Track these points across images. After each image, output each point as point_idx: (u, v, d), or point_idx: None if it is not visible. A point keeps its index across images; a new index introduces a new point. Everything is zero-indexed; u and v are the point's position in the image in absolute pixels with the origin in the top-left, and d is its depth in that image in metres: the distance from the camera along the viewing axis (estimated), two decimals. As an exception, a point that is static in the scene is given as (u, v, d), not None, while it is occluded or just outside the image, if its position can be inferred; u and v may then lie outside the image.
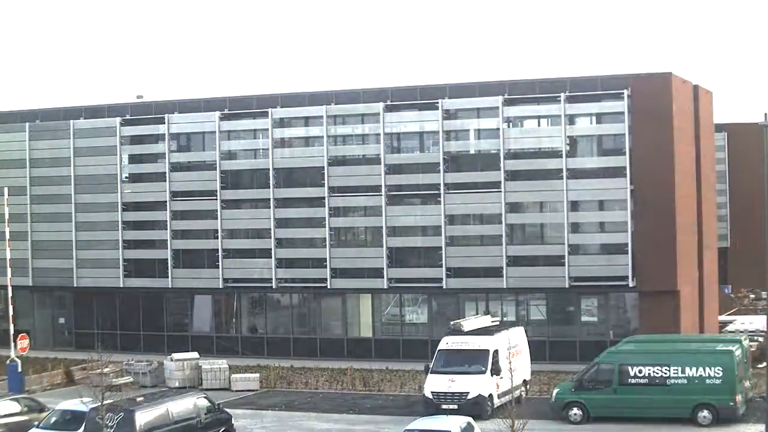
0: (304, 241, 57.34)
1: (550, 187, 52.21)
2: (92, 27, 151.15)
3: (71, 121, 60.36)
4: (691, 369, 38.18)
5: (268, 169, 56.33)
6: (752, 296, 78.68)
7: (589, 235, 53.04)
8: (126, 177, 60.13)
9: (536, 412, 37.88)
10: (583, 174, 52.15)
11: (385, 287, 54.68)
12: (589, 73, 53.97)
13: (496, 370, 40.87)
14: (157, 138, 59.05)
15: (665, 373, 38.46)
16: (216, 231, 57.43)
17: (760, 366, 45.22)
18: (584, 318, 54.13)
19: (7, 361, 47.55)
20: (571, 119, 52.45)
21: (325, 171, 55.14)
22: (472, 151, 55.30)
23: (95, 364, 35.08)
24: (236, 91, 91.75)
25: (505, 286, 52.59)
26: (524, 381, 44.08)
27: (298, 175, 56.67)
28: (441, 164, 53.29)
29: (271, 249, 56.22)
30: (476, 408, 39.29)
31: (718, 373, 37.92)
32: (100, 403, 32.82)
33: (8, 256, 51.45)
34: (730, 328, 61.73)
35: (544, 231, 53.96)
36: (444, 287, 53.68)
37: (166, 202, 58.28)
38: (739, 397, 37.99)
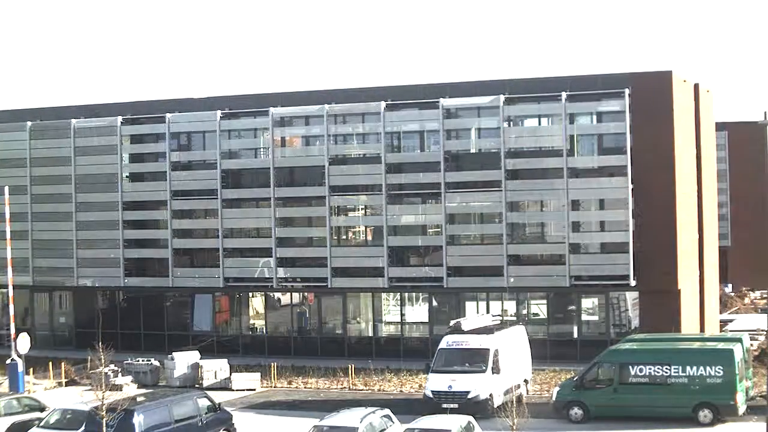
0: (305, 241, 57.36)
1: (551, 186, 52.19)
2: (92, 27, 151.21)
3: (72, 120, 60.29)
4: (691, 368, 38.19)
5: (269, 168, 56.29)
6: (753, 295, 78.68)
7: (590, 234, 53.05)
8: (126, 176, 60.11)
9: (537, 412, 37.90)
10: (583, 173, 52.13)
11: (386, 286, 54.66)
12: (589, 71, 54.00)
13: (496, 369, 40.90)
14: (157, 137, 58.98)
15: (666, 372, 38.47)
16: (216, 230, 57.39)
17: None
18: (585, 317, 54.14)
19: (8, 361, 47.57)
20: (571, 118, 52.40)
21: (326, 170, 55.10)
22: (472, 150, 55.26)
23: (95, 363, 35.08)
24: (237, 90, 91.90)
25: (505, 285, 52.55)
26: (525, 380, 44.11)
27: (299, 174, 56.66)
28: (441, 163, 53.25)
29: (271, 248, 56.19)
30: (477, 407, 39.28)
31: (719, 372, 37.92)
32: (100, 403, 32.84)
33: (9, 255, 51.45)
34: (730, 327, 61.75)
35: (545, 230, 53.97)
36: (445, 286, 53.66)
37: (166, 201, 58.25)
38: (739, 396, 37.99)
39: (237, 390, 47.60)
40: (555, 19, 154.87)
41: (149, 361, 50.48)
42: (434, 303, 55.70)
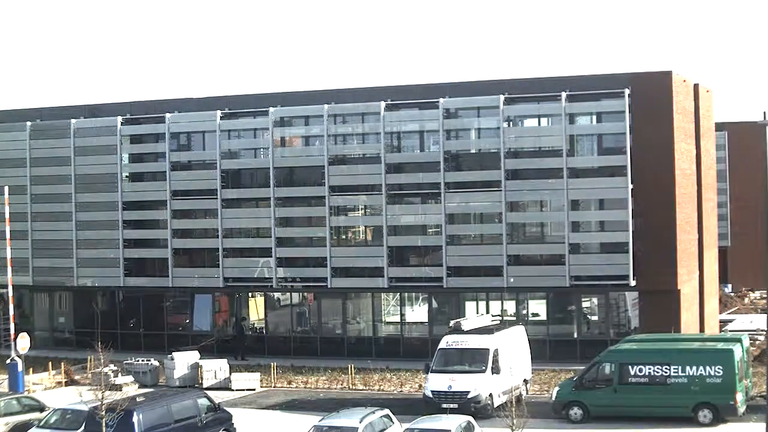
0: (305, 240, 57.34)
1: (551, 186, 52.17)
2: (92, 27, 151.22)
3: (71, 120, 60.28)
4: (691, 368, 38.17)
5: (269, 168, 56.29)
6: (753, 295, 78.64)
7: (590, 234, 53.06)
8: (126, 176, 60.09)
9: (536, 412, 37.89)
10: (583, 173, 52.12)
11: (386, 286, 54.65)
12: (589, 71, 53.96)
13: (496, 369, 40.89)
14: (157, 137, 58.95)
15: (665, 372, 38.45)
16: (216, 230, 57.37)
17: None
18: (585, 317, 54.17)
19: (8, 361, 47.58)
20: (571, 118, 52.41)
21: (326, 170, 55.09)
22: (472, 150, 55.29)
23: (95, 363, 35.10)
24: (236, 90, 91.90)
25: (505, 285, 52.55)
26: (524, 380, 44.12)
27: (299, 174, 56.65)
28: (441, 163, 53.24)
29: (271, 248, 56.17)
30: (477, 407, 39.31)
31: (719, 372, 37.90)
32: (100, 403, 32.83)
33: (8, 255, 51.46)
34: (729, 327, 61.74)
35: (545, 230, 53.94)
36: (444, 286, 53.65)
37: (166, 201, 58.24)
38: (739, 396, 37.99)
39: (237, 390, 47.59)
40: (555, 19, 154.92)
41: (149, 361, 50.46)
42: (434, 303, 55.70)
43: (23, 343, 47.55)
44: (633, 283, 50.78)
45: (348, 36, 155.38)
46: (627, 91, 50.90)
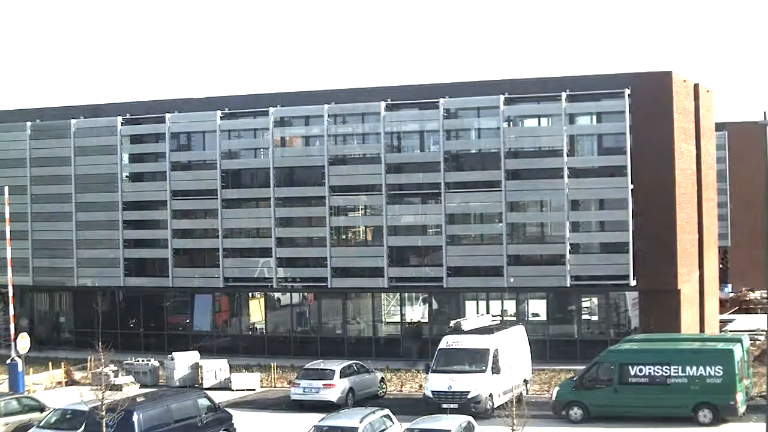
0: (305, 241, 57.33)
1: (551, 186, 52.16)
2: (92, 27, 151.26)
3: (72, 120, 60.28)
4: (691, 368, 38.16)
5: (269, 168, 56.29)
6: (753, 295, 78.57)
7: (590, 234, 53.06)
8: (126, 176, 60.08)
9: (537, 412, 37.90)
10: (583, 173, 52.12)
11: (386, 286, 54.64)
12: (589, 72, 53.92)
13: (496, 369, 40.90)
14: (157, 137, 58.96)
15: (666, 372, 38.45)
16: (216, 230, 57.37)
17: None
18: (584, 317, 54.16)
19: (8, 361, 47.58)
20: (571, 118, 52.42)
21: (326, 170, 55.09)
22: (472, 150, 55.27)
23: (95, 363, 35.09)
24: (237, 90, 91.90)
25: (505, 285, 52.54)
26: (524, 380, 44.12)
27: (299, 174, 56.64)
28: (441, 163, 53.24)
29: (271, 248, 56.17)
30: (477, 407, 39.32)
31: (719, 372, 37.90)
32: (100, 403, 32.82)
33: (9, 255, 51.44)
34: (730, 327, 61.72)
35: (545, 230, 53.94)
36: (444, 286, 53.64)
37: (166, 201, 58.23)
38: (739, 396, 37.98)
39: (237, 390, 47.59)
40: (555, 19, 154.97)
41: (149, 361, 50.46)
42: (434, 303, 55.69)
43: (23, 343, 47.53)
44: (633, 283, 50.78)
45: (348, 36, 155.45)
46: (627, 91, 50.90)
